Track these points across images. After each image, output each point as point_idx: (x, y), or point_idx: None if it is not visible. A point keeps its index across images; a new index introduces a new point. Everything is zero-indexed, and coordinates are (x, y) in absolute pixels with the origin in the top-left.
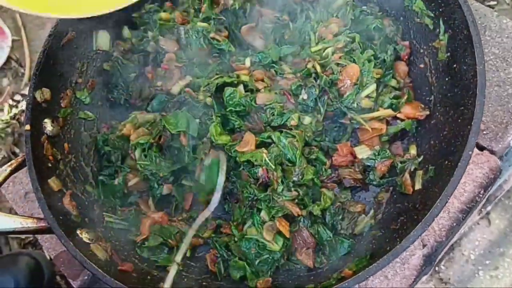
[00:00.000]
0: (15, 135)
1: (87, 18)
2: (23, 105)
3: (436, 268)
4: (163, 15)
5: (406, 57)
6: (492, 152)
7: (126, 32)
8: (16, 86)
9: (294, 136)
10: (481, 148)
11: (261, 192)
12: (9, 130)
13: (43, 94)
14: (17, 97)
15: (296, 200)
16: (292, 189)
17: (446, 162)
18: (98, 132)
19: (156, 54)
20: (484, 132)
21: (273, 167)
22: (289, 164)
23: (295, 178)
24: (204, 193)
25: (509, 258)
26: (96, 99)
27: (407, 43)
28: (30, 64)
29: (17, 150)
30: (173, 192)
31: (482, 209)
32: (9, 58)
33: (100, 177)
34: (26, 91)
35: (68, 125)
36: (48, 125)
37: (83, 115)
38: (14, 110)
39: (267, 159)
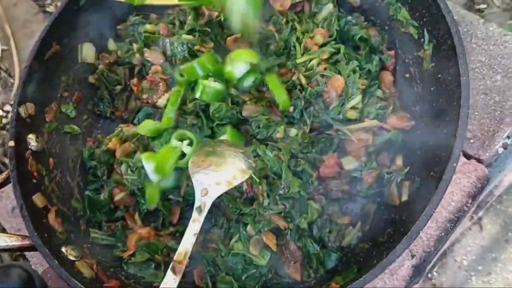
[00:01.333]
0: (5, 145)
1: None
2: None
3: (429, 275)
4: (148, 27)
5: (392, 66)
6: (479, 160)
7: (111, 44)
8: (5, 97)
9: (279, 149)
10: (468, 157)
11: (247, 206)
12: None
13: (27, 110)
14: (7, 108)
15: (283, 214)
16: (279, 202)
17: (432, 173)
18: (84, 146)
19: (141, 66)
20: (471, 140)
21: (258, 180)
22: (275, 177)
23: (281, 192)
24: None
25: (501, 263)
26: (82, 112)
27: (392, 52)
28: (20, 74)
29: (7, 161)
30: (159, 207)
31: (474, 215)
32: None
33: (86, 192)
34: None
35: (53, 140)
36: (33, 141)
37: (69, 129)
38: (4, 121)
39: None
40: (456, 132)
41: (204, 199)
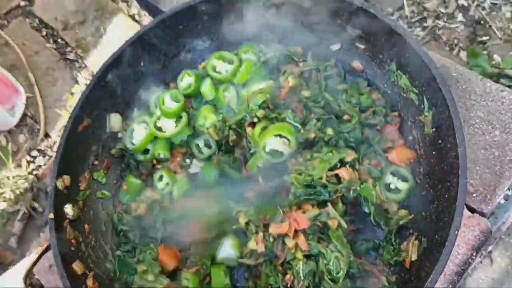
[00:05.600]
0: (34, 190)
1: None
2: (39, 161)
3: None
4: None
5: (398, 125)
6: (482, 214)
7: (136, 113)
8: (32, 142)
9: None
10: (472, 210)
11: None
12: (27, 185)
13: (64, 182)
14: (34, 153)
15: None
16: None
17: (436, 236)
18: (115, 210)
19: None
20: (474, 195)
21: (302, 278)
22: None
23: None
24: None
25: None
26: (111, 177)
27: (396, 113)
28: (45, 120)
29: (36, 205)
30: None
31: (483, 251)
32: (24, 115)
33: (117, 252)
34: (42, 147)
35: (87, 206)
36: (69, 210)
37: (100, 195)
38: (32, 166)
39: (300, 269)
40: (456, 200)
41: None
